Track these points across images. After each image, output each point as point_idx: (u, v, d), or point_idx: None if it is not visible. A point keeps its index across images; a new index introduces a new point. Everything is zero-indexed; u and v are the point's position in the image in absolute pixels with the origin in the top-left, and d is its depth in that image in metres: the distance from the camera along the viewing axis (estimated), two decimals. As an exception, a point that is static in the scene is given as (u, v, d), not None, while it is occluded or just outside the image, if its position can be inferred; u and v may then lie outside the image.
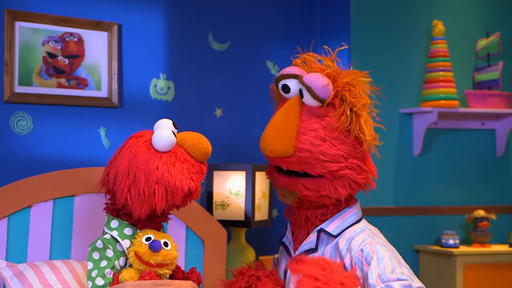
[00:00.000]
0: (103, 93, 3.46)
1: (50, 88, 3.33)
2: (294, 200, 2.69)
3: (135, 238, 2.52)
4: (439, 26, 4.07)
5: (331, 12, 4.18)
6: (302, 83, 2.54)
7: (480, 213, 4.04)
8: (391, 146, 4.10)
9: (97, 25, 3.45)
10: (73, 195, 2.97)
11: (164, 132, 2.51)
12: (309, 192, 2.58)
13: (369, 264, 2.45)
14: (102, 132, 3.46)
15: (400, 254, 3.99)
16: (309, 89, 2.51)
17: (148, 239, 2.48)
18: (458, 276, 3.84)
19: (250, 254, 3.52)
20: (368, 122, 2.54)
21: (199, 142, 2.55)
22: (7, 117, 3.22)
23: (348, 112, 2.50)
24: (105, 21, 3.47)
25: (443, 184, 4.22)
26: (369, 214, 3.95)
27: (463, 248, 3.97)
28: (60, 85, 3.35)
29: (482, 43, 4.25)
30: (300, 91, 2.56)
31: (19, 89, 3.24)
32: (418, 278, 3.99)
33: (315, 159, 2.51)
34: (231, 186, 3.46)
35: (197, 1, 3.81)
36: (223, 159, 3.78)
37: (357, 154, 2.56)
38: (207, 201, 3.51)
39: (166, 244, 2.50)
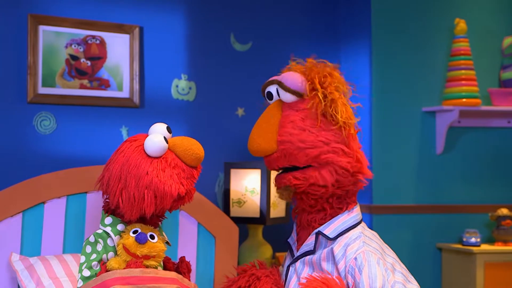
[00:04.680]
0: (124, 93, 3.57)
1: (72, 89, 3.45)
2: (290, 195, 2.75)
3: (123, 232, 2.62)
4: (461, 25, 4.05)
5: (352, 11, 4.20)
6: (277, 82, 2.66)
7: (503, 211, 4.01)
8: (413, 144, 4.10)
9: (119, 28, 3.56)
10: (86, 192, 3.08)
11: (155, 137, 2.59)
12: (298, 181, 2.63)
13: (361, 273, 2.48)
14: (124, 131, 3.57)
15: (423, 253, 4.04)
16: (281, 84, 2.63)
17: (135, 231, 2.59)
18: (479, 274, 3.82)
19: (267, 251, 3.58)
20: (342, 103, 2.60)
21: (191, 148, 2.63)
22: (30, 117, 3.35)
23: (321, 96, 2.57)
24: (127, 24, 3.58)
25: (466, 182, 4.19)
26: (391, 212, 3.98)
27: (484, 247, 3.95)
28: (82, 86, 3.47)
29: (508, 40, 4.21)
30: (277, 91, 2.67)
31: (42, 90, 3.37)
32: (441, 276, 4.05)
33: (297, 148, 2.58)
34: (247, 184, 3.53)
35: (218, 2, 3.89)
36: (243, 158, 3.84)
37: (339, 138, 2.60)
38: (224, 198, 3.59)
39: (152, 237, 2.59)
